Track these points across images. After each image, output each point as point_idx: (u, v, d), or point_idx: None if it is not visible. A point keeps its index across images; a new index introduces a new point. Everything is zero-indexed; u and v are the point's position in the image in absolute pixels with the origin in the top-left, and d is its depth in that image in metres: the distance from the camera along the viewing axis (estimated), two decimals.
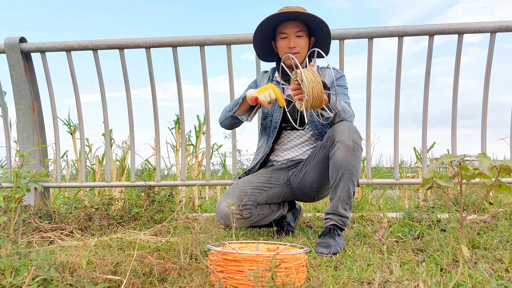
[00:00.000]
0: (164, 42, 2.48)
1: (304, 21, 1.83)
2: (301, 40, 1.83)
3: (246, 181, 1.87)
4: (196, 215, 2.57)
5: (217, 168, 6.83)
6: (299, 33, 1.82)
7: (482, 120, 2.45)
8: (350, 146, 1.62)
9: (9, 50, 2.55)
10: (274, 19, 1.82)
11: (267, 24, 1.83)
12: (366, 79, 2.44)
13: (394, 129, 2.50)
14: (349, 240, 1.78)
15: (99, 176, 3.38)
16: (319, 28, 1.84)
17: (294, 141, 1.95)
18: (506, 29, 2.31)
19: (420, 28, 2.33)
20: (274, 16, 1.79)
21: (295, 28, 1.82)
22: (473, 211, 1.54)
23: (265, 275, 1.00)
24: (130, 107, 2.65)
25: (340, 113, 1.68)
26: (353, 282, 1.16)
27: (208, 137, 2.67)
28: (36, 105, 2.68)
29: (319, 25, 1.82)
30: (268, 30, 1.88)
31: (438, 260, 1.37)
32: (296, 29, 1.82)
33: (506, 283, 1.12)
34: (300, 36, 1.83)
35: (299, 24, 1.83)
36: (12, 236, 1.14)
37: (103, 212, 2.24)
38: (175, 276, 1.18)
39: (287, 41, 1.83)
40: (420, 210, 2.31)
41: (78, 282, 1.03)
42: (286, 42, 1.83)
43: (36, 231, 2.01)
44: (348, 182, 1.63)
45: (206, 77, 2.56)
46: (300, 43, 1.83)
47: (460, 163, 1.41)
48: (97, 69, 2.62)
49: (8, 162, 2.73)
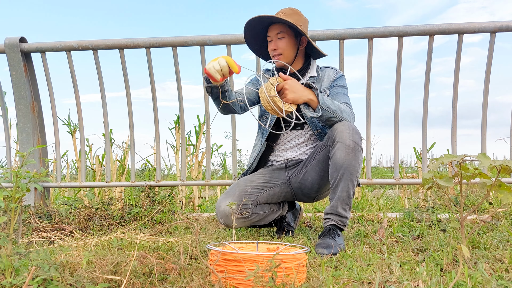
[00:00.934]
0: (164, 42, 2.48)
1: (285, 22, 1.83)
2: (281, 41, 1.85)
3: (246, 180, 1.87)
4: (196, 215, 2.57)
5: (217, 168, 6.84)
6: (279, 34, 1.85)
7: (482, 120, 2.45)
8: (351, 146, 1.62)
9: (9, 50, 2.55)
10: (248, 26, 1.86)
11: (251, 31, 1.89)
12: (366, 79, 2.44)
13: (394, 129, 2.50)
14: (349, 240, 1.78)
15: (99, 176, 3.38)
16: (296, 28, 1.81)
17: (294, 141, 1.95)
18: (506, 29, 2.32)
19: (420, 28, 2.33)
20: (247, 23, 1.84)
21: (275, 31, 1.85)
22: (473, 211, 1.54)
23: (265, 275, 1.00)
24: (130, 107, 2.65)
25: (336, 112, 1.69)
26: (353, 282, 1.16)
27: (208, 137, 2.67)
28: (36, 105, 2.68)
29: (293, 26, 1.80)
30: (260, 35, 1.92)
31: (438, 260, 1.37)
32: (276, 31, 1.85)
33: (506, 283, 1.12)
34: (280, 38, 1.85)
35: (280, 26, 1.85)
36: (12, 236, 1.14)
37: (103, 212, 2.24)
38: (175, 276, 1.18)
39: (271, 44, 1.88)
40: (420, 210, 2.31)
41: (78, 282, 1.03)
42: (270, 45, 1.88)
43: (36, 231, 2.01)
44: (348, 183, 1.63)
45: None
46: (280, 44, 1.85)
47: (460, 163, 1.41)
48: (97, 69, 2.62)
49: (8, 162, 2.73)
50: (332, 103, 1.69)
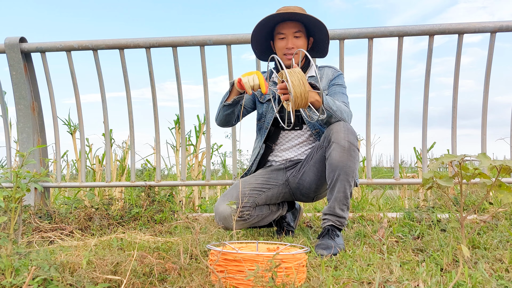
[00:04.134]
0: (164, 42, 2.48)
1: (303, 21, 1.83)
2: (299, 41, 1.83)
3: (244, 182, 1.87)
4: (196, 215, 2.57)
5: (217, 168, 6.83)
6: (297, 33, 1.82)
7: (482, 120, 2.45)
8: (346, 147, 1.62)
9: (9, 50, 2.55)
10: (272, 19, 1.81)
11: (265, 24, 1.82)
12: (366, 79, 2.44)
13: (394, 129, 2.50)
14: (349, 240, 1.78)
15: (99, 176, 3.38)
16: (318, 29, 1.83)
17: (292, 142, 1.95)
18: (506, 29, 2.31)
19: (420, 28, 2.33)
20: (272, 16, 1.78)
21: (293, 29, 1.81)
22: (473, 211, 1.54)
23: (265, 275, 1.00)
24: (130, 107, 2.65)
25: (336, 113, 1.67)
26: (353, 282, 1.16)
27: (208, 137, 2.67)
28: (36, 105, 2.68)
29: (318, 26, 1.81)
30: (267, 30, 1.87)
31: (438, 260, 1.37)
32: (294, 29, 1.81)
33: (506, 283, 1.12)
34: (298, 37, 1.82)
35: (297, 24, 1.82)
36: (12, 236, 1.14)
37: (103, 212, 2.24)
38: (175, 276, 1.18)
39: (285, 41, 1.82)
40: (420, 210, 2.31)
41: (78, 282, 1.03)
42: (284, 42, 1.83)
43: (36, 231, 2.01)
44: (344, 183, 1.63)
45: (206, 77, 2.56)
46: (298, 44, 1.82)
47: (460, 163, 1.41)
48: (97, 69, 2.62)
49: (8, 162, 2.73)
50: (334, 103, 1.68)
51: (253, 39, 1.90)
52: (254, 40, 1.91)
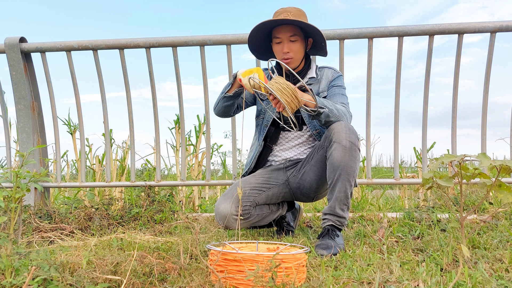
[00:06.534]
0: (164, 42, 2.48)
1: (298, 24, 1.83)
2: (295, 45, 1.82)
3: (244, 182, 1.87)
4: (196, 215, 2.57)
5: (217, 168, 6.84)
6: (293, 37, 1.81)
7: (482, 120, 2.45)
8: (347, 147, 1.62)
9: (9, 50, 2.55)
10: (267, 25, 1.81)
11: (261, 28, 1.82)
12: (366, 79, 2.44)
13: (394, 129, 2.50)
14: (349, 240, 1.78)
15: (99, 176, 3.38)
16: (313, 31, 1.83)
17: (292, 142, 1.95)
18: (506, 29, 2.31)
19: (420, 28, 2.33)
20: (263, 24, 1.78)
21: (288, 33, 1.81)
22: (473, 211, 1.54)
23: (265, 275, 1.00)
24: (130, 107, 2.65)
25: (333, 111, 1.68)
26: (353, 282, 1.16)
27: (208, 137, 2.67)
28: (36, 105, 2.68)
29: (312, 28, 1.81)
30: (265, 32, 1.87)
31: (438, 260, 1.37)
32: (290, 33, 1.81)
33: (506, 283, 1.12)
34: (293, 41, 1.82)
35: (293, 28, 1.82)
36: (12, 236, 1.14)
37: (103, 212, 2.24)
38: (175, 276, 1.18)
39: (281, 46, 1.83)
40: (420, 210, 2.31)
41: (78, 282, 1.03)
42: (280, 47, 1.83)
43: (36, 231, 2.01)
44: (345, 183, 1.63)
45: (206, 77, 2.56)
46: (293, 48, 1.82)
47: (460, 163, 1.41)
48: (97, 69, 2.62)
49: (8, 162, 2.73)
50: (328, 102, 1.70)
51: (250, 43, 1.91)
52: (252, 43, 1.92)
